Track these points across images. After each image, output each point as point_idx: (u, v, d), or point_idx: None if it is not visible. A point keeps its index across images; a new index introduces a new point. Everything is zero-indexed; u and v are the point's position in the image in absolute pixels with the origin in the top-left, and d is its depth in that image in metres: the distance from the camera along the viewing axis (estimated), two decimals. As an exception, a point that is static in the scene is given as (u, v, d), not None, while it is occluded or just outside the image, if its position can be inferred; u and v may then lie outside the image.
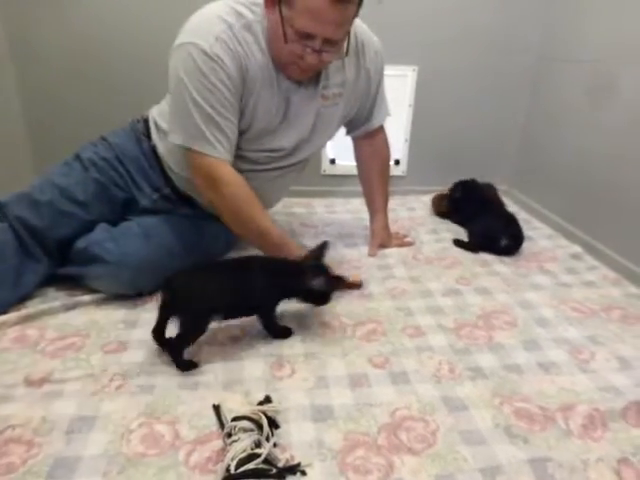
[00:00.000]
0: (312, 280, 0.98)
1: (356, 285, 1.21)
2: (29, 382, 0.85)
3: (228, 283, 0.93)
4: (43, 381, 0.85)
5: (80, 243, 1.13)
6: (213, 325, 1.02)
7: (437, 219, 1.74)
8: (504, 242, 1.46)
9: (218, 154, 1.05)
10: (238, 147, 1.13)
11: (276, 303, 1.01)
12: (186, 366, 0.91)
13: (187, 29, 1.02)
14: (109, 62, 1.66)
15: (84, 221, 1.15)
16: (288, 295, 1.01)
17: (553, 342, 1.03)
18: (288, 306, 1.12)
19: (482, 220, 1.54)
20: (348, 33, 1.03)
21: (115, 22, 1.63)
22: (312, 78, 1.14)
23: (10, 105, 1.67)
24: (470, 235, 1.55)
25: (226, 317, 0.98)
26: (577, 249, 1.50)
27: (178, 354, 0.91)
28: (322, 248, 1.06)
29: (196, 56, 0.99)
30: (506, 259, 1.42)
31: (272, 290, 0.98)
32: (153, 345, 0.96)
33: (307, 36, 0.96)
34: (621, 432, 0.79)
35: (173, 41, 1.05)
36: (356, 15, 1.01)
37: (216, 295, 0.92)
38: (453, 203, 1.71)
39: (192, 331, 0.91)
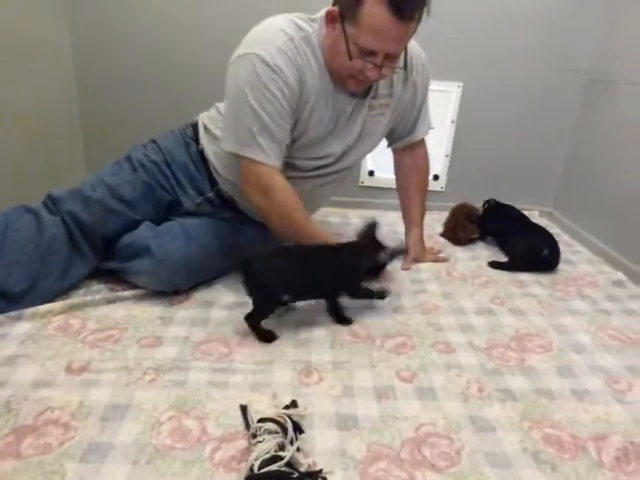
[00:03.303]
0: (378, 255, 1.08)
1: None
2: (70, 370, 0.89)
3: (299, 269, 1.02)
4: (82, 370, 0.89)
5: (125, 239, 1.18)
6: (244, 328, 1.05)
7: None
8: (546, 251, 1.46)
9: (270, 162, 1.08)
10: (287, 155, 1.17)
11: (345, 286, 1.09)
12: (265, 337, 1.02)
13: (249, 40, 1.06)
14: (163, 69, 1.74)
15: (130, 219, 1.20)
16: (356, 275, 1.09)
17: (589, 369, 1.00)
18: (318, 312, 1.13)
19: (523, 237, 1.52)
20: (405, 46, 1.07)
21: (172, 32, 1.70)
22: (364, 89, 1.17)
23: (70, 108, 1.77)
24: (511, 253, 1.52)
25: (295, 299, 1.08)
26: (620, 276, 1.45)
27: (254, 328, 1.02)
28: (371, 227, 1.12)
29: (258, 66, 1.02)
30: (543, 281, 1.39)
31: (340, 274, 1.06)
32: (187, 342, 1.00)
33: (370, 53, 1.00)
34: (657, 468, 0.76)
35: (228, 52, 1.09)
36: (415, 31, 1.03)
37: (287, 280, 1.01)
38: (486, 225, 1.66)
39: (260, 311, 1.02)
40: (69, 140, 1.79)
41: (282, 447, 0.72)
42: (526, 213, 1.87)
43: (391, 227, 1.72)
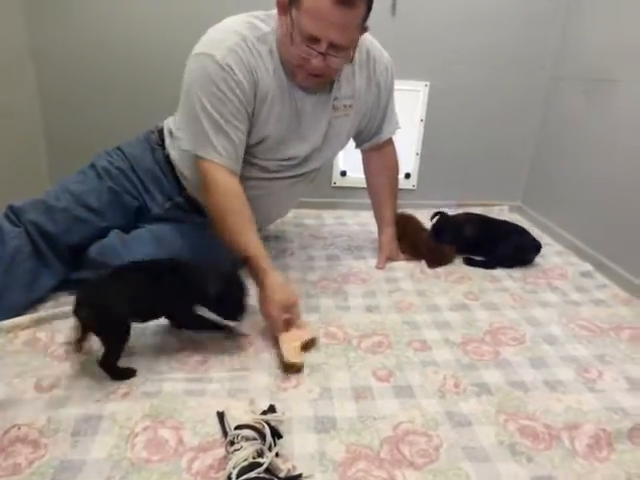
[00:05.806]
0: (208, 286, 0.93)
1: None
2: (39, 387, 0.86)
3: (138, 290, 0.91)
4: (52, 386, 0.87)
5: (93, 248, 1.15)
6: (220, 335, 1.03)
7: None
8: (533, 255, 1.51)
9: (220, 160, 1.07)
10: (252, 156, 1.16)
11: (188, 308, 1.00)
12: (123, 375, 0.90)
13: (203, 41, 1.07)
14: (127, 75, 1.71)
15: (97, 227, 1.17)
16: (196, 301, 0.99)
17: (560, 360, 1.02)
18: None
19: (510, 241, 1.49)
20: (355, 42, 1.05)
21: (136, 34, 1.67)
22: (324, 88, 1.16)
23: (31, 114, 1.71)
24: (498, 256, 1.47)
25: (144, 320, 0.98)
26: (588, 267, 1.49)
27: (112, 368, 0.89)
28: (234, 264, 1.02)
29: (208, 65, 1.03)
30: (515, 275, 1.42)
31: (180, 295, 0.96)
32: (161, 350, 0.98)
33: (312, 39, 0.99)
34: (627, 453, 0.78)
35: (188, 54, 1.08)
36: (364, 22, 1.03)
37: (128, 304, 0.90)
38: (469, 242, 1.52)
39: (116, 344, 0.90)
40: (31, 148, 1.74)
41: (260, 453, 0.71)
42: (496, 208, 1.92)
43: (364, 227, 1.74)
